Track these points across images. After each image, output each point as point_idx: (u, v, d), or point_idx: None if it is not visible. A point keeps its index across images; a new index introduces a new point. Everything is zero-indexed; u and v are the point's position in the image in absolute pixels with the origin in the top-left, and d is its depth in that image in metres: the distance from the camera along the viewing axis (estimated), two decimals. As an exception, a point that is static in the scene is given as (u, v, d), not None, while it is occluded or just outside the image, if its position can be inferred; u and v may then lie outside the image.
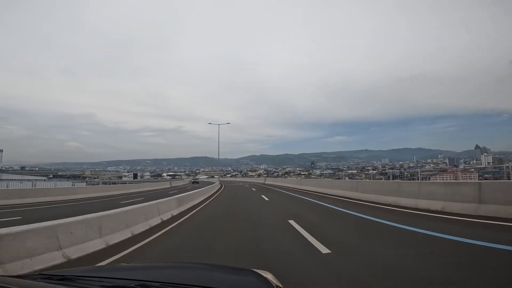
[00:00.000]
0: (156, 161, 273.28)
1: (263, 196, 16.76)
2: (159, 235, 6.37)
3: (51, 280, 1.26)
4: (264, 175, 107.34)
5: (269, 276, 1.35)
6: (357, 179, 30.19)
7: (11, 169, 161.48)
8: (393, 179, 23.16)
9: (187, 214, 9.63)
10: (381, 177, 31.49)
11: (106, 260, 4.39)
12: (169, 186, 38.37)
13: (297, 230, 6.25)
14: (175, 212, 9.52)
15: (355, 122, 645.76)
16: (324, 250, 4.49)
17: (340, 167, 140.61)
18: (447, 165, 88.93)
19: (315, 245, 4.79)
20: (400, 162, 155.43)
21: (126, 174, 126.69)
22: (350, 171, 55.54)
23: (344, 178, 31.33)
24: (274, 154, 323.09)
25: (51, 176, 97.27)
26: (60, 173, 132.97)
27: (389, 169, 65.99)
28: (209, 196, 17.25)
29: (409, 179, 20.94)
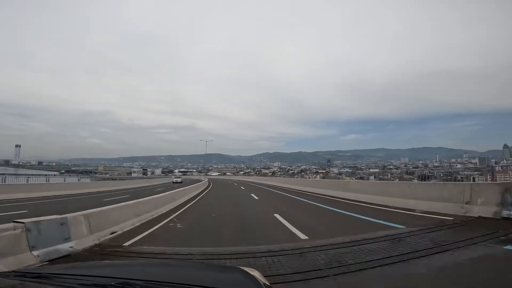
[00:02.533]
0: (170, 158, 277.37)
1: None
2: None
3: (25, 278, 1.22)
4: (277, 174, 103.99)
5: (255, 273, 1.32)
6: (384, 178, 26.64)
7: (28, 163, 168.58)
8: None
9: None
10: (410, 176, 28.04)
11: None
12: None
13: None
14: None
15: (371, 120, 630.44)
16: None
17: (358, 165, 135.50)
18: (477, 165, 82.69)
19: None
20: (421, 162, 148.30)
21: (136, 170, 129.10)
22: (371, 170, 51.58)
23: (368, 178, 28.00)
24: (288, 152, 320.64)
25: (63, 171, 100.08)
26: (73, 169, 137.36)
27: (413, 168, 61.43)
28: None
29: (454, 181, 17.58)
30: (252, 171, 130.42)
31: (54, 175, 54.26)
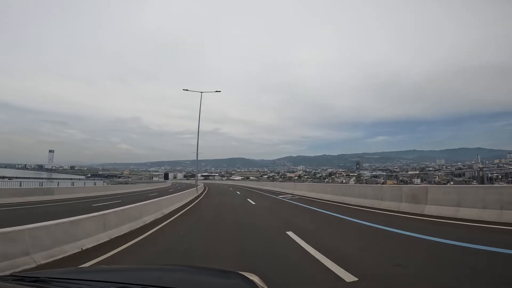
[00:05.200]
0: (195, 162, 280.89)
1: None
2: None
3: (23, 282, 1.22)
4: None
5: (255, 278, 1.32)
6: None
7: (60, 168, 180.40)
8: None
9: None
10: (463, 178, 23.67)
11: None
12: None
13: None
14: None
15: (400, 121, 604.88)
16: None
17: (390, 168, 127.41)
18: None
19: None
20: (459, 163, 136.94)
21: (156, 174, 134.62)
22: (410, 172, 46.50)
23: (412, 181, 24.01)
24: (312, 155, 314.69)
25: (89, 175, 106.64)
26: (100, 173, 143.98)
27: (455, 169, 55.16)
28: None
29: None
30: (276, 175, 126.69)
31: (79, 179, 57.26)
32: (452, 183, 24.27)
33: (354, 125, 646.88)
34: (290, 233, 6.11)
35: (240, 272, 1.38)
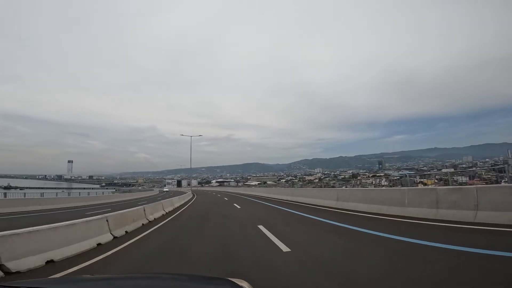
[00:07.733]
0: (210, 169, 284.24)
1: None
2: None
3: None
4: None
5: (244, 284, 1.31)
6: None
7: (79, 178, 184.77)
8: None
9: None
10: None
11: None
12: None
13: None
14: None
15: (418, 119, 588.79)
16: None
17: (416, 167, 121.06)
18: None
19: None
20: (488, 159, 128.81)
21: (169, 182, 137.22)
22: (444, 170, 42.05)
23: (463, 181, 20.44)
24: (328, 158, 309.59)
25: (104, 184, 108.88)
26: (115, 182, 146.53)
27: (491, 166, 50.15)
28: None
29: None
30: (294, 178, 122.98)
31: (92, 188, 56.88)
32: (506, 179, 20.68)
33: (370, 125, 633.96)
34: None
35: (229, 278, 1.35)
